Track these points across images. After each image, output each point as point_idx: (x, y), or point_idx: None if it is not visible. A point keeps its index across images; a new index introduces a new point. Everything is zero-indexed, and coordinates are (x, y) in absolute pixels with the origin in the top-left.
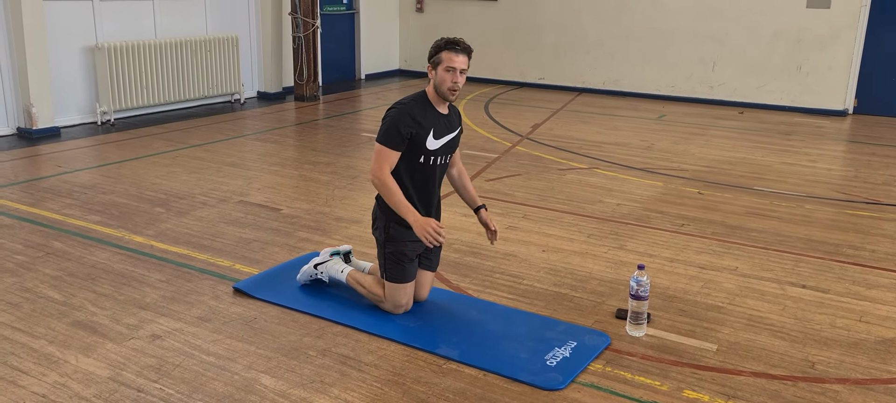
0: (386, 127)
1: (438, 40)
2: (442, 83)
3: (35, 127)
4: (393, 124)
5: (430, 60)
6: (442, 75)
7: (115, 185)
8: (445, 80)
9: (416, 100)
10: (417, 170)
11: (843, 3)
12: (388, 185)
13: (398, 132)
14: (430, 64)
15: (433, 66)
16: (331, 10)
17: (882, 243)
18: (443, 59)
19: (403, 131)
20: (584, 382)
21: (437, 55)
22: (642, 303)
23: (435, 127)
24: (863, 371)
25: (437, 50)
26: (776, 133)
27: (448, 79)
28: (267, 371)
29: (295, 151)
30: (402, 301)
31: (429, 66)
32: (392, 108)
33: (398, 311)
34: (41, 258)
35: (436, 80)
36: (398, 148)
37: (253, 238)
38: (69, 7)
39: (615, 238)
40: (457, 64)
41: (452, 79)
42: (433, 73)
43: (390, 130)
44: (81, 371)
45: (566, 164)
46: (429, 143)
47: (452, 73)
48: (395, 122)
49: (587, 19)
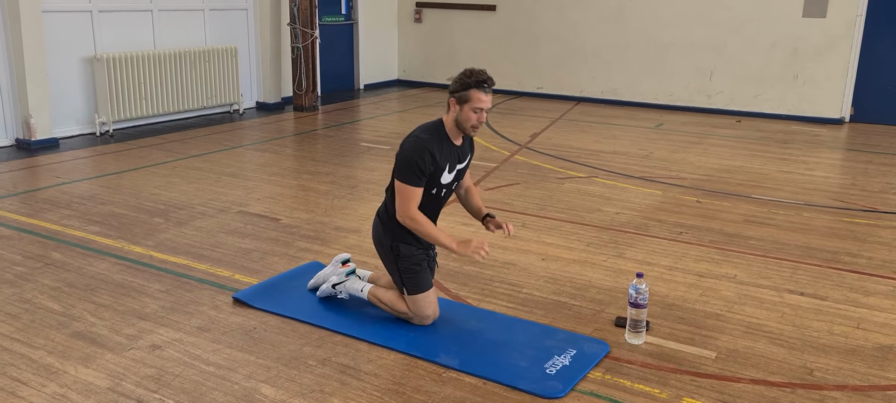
0: (406, 165)
1: (466, 76)
2: (466, 121)
3: (33, 138)
4: (413, 163)
5: (455, 95)
6: (468, 113)
7: (114, 196)
8: (471, 119)
9: (433, 133)
10: (428, 199)
11: (839, 12)
12: (419, 221)
13: (420, 170)
14: (455, 98)
15: (458, 102)
16: (329, 21)
17: (879, 250)
18: (471, 97)
19: (424, 169)
20: (583, 390)
21: (464, 92)
22: (641, 311)
23: (450, 162)
24: (861, 377)
25: (465, 87)
26: (773, 141)
27: (474, 118)
28: (267, 381)
29: (294, 161)
30: (428, 311)
31: (452, 99)
32: (409, 141)
33: (427, 322)
34: (40, 269)
35: (459, 116)
36: (421, 184)
37: (252, 248)
38: (68, 18)
39: (614, 246)
40: (485, 104)
41: (479, 118)
42: (456, 108)
43: (412, 169)
44: (81, 381)
45: (565, 173)
46: (443, 178)
47: (479, 113)
48: (416, 161)
49: (585, 29)
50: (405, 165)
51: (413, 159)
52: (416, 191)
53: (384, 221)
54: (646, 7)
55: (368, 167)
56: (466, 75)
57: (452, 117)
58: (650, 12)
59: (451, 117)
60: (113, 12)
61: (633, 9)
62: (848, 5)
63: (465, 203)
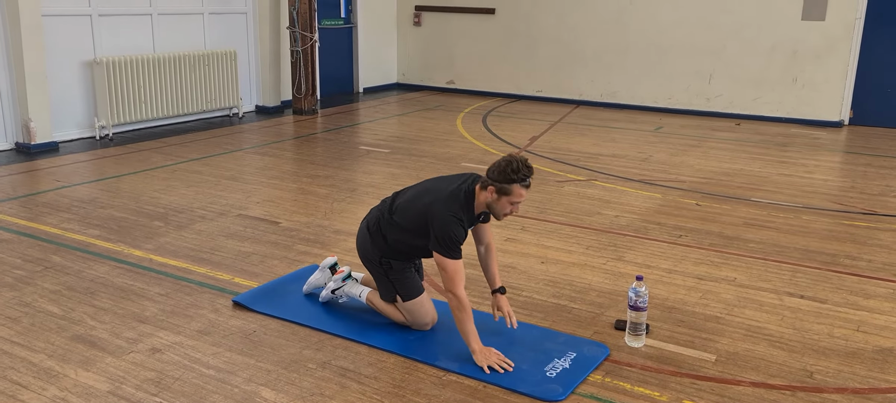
0: (449, 241)
1: (511, 171)
2: (501, 210)
3: (33, 141)
4: (455, 237)
5: (495, 183)
6: (504, 205)
7: (113, 199)
8: (505, 209)
9: (463, 206)
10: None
11: (838, 15)
12: (465, 306)
13: (459, 242)
14: (494, 186)
15: (497, 193)
16: (329, 24)
17: (879, 253)
18: (512, 192)
19: (462, 240)
20: (583, 393)
21: (506, 185)
22: (641, 314)
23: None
24: (861, 380)
25: (508, 181)
26: (773, 144)
27: (509, 209)
28: (266, 384)
29: (293, 165)
30: (426, 318)
31: (491, 186)
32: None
33: (427, 328)
34: (40, 272)
35: (494, 204)
36: (461, 255)
37: (252, 251)
38: (68, 22)
39: (614, 249)
40: (523, 198)
41: (513, 210)
42: (493, 196)
43: (455, 244)
44: (81, 385)
45: (564, 176)
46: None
47: (516, 205)
48: (456, 236)
49: (584, 32)
50: (447, 241)
51: (451, 235)
52: (461, 265)
53: (373, 235)
54: (645, 10)
55: (368, 170)
56: (512, 170)
57: (486, 201)
58: (649, 16)
59: (483, 200)
60: (112, 16)
61: (633, 12)
62: (847, 8)
63: (482, 262)
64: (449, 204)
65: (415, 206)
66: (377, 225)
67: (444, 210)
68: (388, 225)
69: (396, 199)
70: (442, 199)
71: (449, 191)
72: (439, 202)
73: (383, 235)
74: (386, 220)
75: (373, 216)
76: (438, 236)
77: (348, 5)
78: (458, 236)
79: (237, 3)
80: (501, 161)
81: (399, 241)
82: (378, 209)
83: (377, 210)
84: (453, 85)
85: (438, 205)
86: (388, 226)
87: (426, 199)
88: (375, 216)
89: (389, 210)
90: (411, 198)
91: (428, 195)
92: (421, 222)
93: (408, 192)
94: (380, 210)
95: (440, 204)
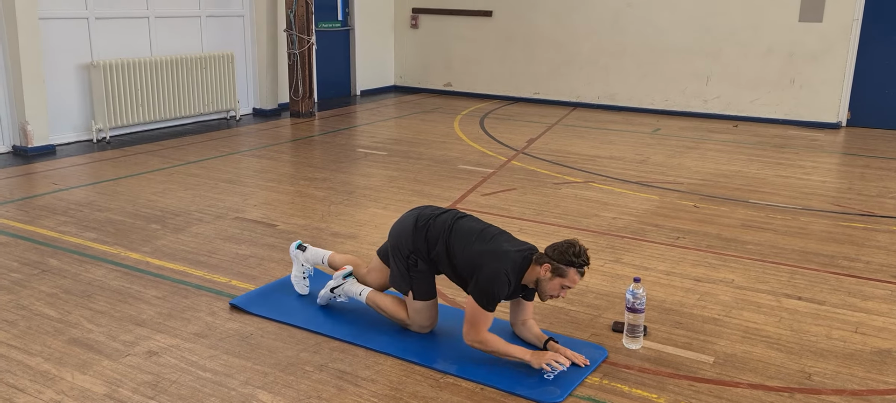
0: (489, 295)
1: (572, 255)
2: (549, 291)
3: (30, 144)
4: (496, 294)
5: (552, 263)
6: (555, 286)
7: (110, 202)
8: (554, 291)
9: (517, 272)
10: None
11: (835, 16)
12: (490, 344)
13: (498, 301)
14: (550, 265)
15: (552, 272)
16: (326, 27)
17: (877, 254)
18: (567, 275)
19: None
20: (581, 395)
21: (562, 267)
22: (639, 316)
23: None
24: (859, 381)
25: (567, 262)
26: (770, 146)
27: (557, 293)
28: (264, 387)
29: (291, 167)
30: (428, 321)
31: (548, 264)
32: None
33: (424, 331)
34: (37, 275)
35: (545, 284)
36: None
37: (249, 254)
38: (65, 25)
39: (611, 251)
40: (575, 285)
41: (562, 295)
42: (547, 276)
43: (494, 300)
44: (78, 388)
45: (562, 179)
46: None
47: (565, 290)
48: (498, 293)
49: (582, 35)
50: (485, 295)
51: (493, 291)
52: (489, 316)
53: (418, 230)
54: (642, 13)
55: (365, 173)
56: (573, 254)
57: (536, 277)
58: (647, 18)
59: (535, 275)
60: (109, 19)
61: (630, 14)
62: (844, 10)
63: (519, 334)
64: (503, 261)
65: (472, 245)
66: (426, 227)
67: (496, 264)
68: (439, 237)
69: (460, 220)
70: (499, 254)
71: (507, 250)
72: (495, 255)
73: (428, 239)
74: (440, 230)
75: (428, 214)
76: (482, 286)
77: (345, 8)
78: (500, 294)
79: (234, 6)
80: (563, 242)
81: (440, 256)
82: (436, 214)
83: (434, 213)
84: (451, 87)
85: (493, 258)
86: (439, 239)
87: (484, 247)
88: (430, 217)
89: (449, 228)
90: (472, 234)
91: (488, 243)
92: (470, 262)
93: (472, 223)
94: (439, 217)
95: (495, 258)
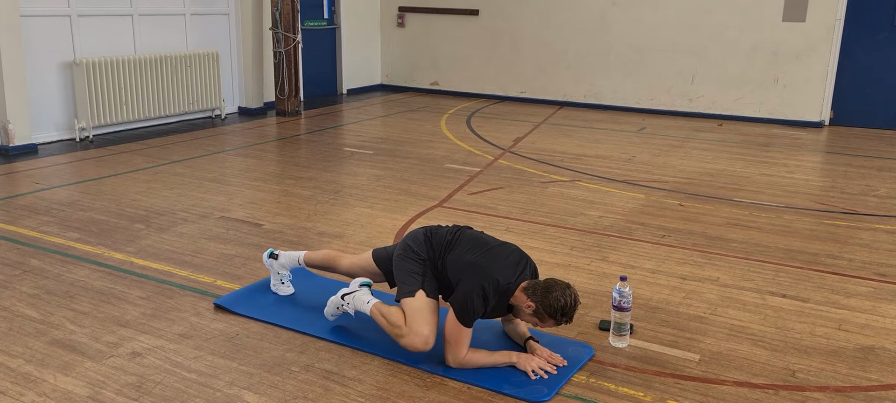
0: (466, 308)
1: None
2: (525, 321)
3: (12, 143)
4: (473, 309)
5: (535, 303)
6: (531, 321)
7: (94, 202)
8: (529, 322)
9: (499, 293)
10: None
11: (818, 16)
12: (474, 362)
13: (476, 316)
14: (534, 305)
15: (533, 313)
16: (312, 25)
17: (859, 252)
18: (545, 321)
19: (477, 313)
20: (568, 394)
21: (546, 314)
22: (625, 314)
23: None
24: (842, 378)
25: (550, 312)
26: (755, 144)
27: (532, 326)
28: (249, 388)
29: (276, 166)
30: (426, 329)
31: (530, 301)
32: (476, 279)
33: (420, 341)
34: (18, 276)
35: (523, 314)
36: (471, 326)
37: (234, 254)
38: (46, 22)
39: (598, 250)
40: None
41: (536, 328)
42: (527, 312)
43: (470, 314)
44: (60, 390)
45: (548, 177)
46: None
47: (539, 327)
48: (475, 307)
49: (568, 34)
50: (462, 306)
51: (470, 304)
52: (468, 333)
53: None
54: (628, 12)
55: (351, 172)
56: (560, 310)
57: (519, 303)
58: (632, 17)
59: (518, 301)
60: (93, 16)
61: (616, 14)
62: (827, 9)
63: (506, 329)
64: (488, 277)
65: (465, 255)
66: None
67: (477, 279)
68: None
69: (466, 231)
70: (485, 269)
71: (495, 271)
72: (482, 270)
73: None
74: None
75: (436, 227)
76: (459, 297)
77: (331, 6)
78: (477, 309)
79: (219, 4)
80: (558, 288)
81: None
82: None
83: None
84: (437, 86)
85: (477, 272)
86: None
87: (475, 259)
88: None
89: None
90: (468, 244)
91: (480, 256)
92: (458, 271)
93: (477, 235)
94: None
95: (480, 273)
